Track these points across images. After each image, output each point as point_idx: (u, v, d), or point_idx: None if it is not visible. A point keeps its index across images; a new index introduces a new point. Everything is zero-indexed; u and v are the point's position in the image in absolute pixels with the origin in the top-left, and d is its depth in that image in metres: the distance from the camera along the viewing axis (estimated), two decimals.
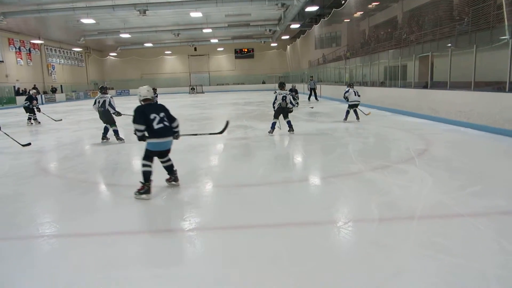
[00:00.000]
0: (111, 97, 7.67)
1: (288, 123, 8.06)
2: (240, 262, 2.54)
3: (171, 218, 3.42)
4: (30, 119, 12.02)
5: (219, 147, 7.06)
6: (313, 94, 19.12)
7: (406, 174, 4.56)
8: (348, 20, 23.98)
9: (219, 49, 40.78)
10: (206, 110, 16.37)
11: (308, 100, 18.93)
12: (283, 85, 8.12)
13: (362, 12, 22.39)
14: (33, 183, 4.93)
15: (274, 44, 38.00)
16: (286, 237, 2.91)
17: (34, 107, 11.94)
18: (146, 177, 3.91)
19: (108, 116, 7.60)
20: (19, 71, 27.15)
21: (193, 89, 36.27)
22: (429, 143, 6.55)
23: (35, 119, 12.14)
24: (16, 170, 5.58)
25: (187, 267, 2.52)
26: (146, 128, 3.87)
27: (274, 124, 8.10)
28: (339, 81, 20.55)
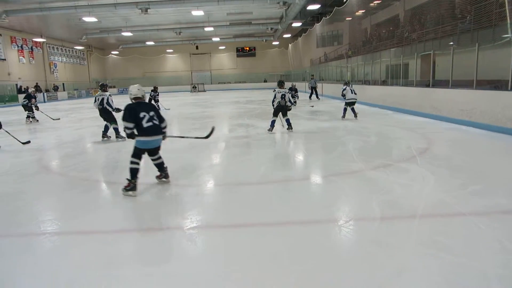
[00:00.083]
0: (109, 95, 7.68)
1: (287, 121, 8.09)
2: (241, 261, 2.54)
3: (173, 217, 3.42)
4: (28, 117, 12.05)
5: (220, 146, 7.05)
6: (314, 92, 19.13)
7: (408, 172, 4.55)
8: (350, 18, 23.88)
9: (220, 47, 40.78)
10: (208, 109, 16.37)
11: (309, 99, 18.94)
12: (282, 83, 8.19)
13: (364, 11, 22.30)
14: (34, 181, 4.94)
15: (276, 42, 38.00)
16: (287, 235, 2.91)
17: (33, 105, 11.96)
18: (133, 174, 3.97)
19: (107, 114, 7.61)
20: (21, 69, 27.22)
21: (194, 87, 36.31)
22: (430, 142, 6.53)
23: (33, 117, 12.16)
24: (17, 168, 5.60)
25: (188, 265, 2.51)
26: (136, 126, 3.93)
27: (273, 122, 8.12)
28: (340, 79, 20.49)
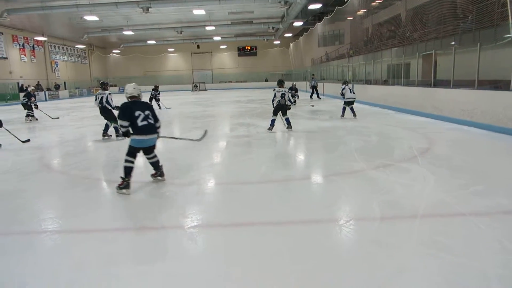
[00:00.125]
0: (109, 93, 7.67)
1: (286, 120, 8.13)
2: (242, 260, 2.55)
3: (173, 215, 3.43)
4: (28, 116, 12.07)
5: (221, 145, 7.06)
6: (315, 92, 19.12)
7: (409, 172, 4.54)
8: (351, 18, 23.87)
9: (222, 46, 40.77)
10: (209, 108, 16.37)
11: (310, 98, 18.94)
12: (282, 82, 8.23)
13: (365, 10, 22.29)
14: (36, 179, 4.95)
15: (277, 42, 37.98)
16: (287, 235, 2.92)
17: (32, 104, 11.98)
18: (126, 172, 4.00)
19: (107, 112, 7.61)
20: (23, 67, 27.25)
21: (196, 86, 36.34)
22: (432, 142, 6.53)
23: (33, 116, 12.18)
24: (19, 166, 5.62)
25: (189, 265, 2.52)
26: (131, 124, 3.95)
27: (273, 121, 8.15)
28: (342, 79, 20.47)
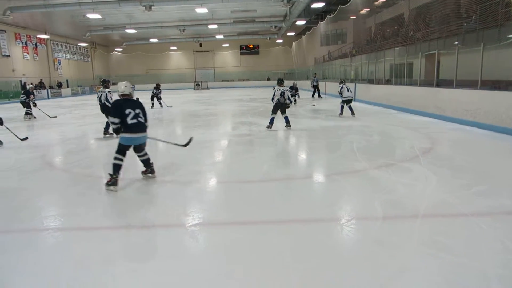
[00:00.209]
0: (109, 91, 7.67)
1: (286, 118, 8.18)
2: (243, 258, 2.55)
3: (175, 214, 3.43)
4: (27, 113, 12.09)
5: (223, 143, 7.07)
6: (316, 91, 19.10)
7: (411, 172, 4.54)
8: (354, 17, 23.82)
9: (224, 45, 40.69)
10: (211, 106, 16.37)
11: (312, 97, 18.92)
12: (282, 81, 8.33)
13: (368, 9, 22.23)
14: (38, 177, 4.97)
15: (280, 40, 37.85)
16: (289, 234, 2.92)
17: (31, 102, 11.99)
18: (115, 169, 4.02)
19: (107, 110, 7.59)
20: (26, 65, 27.29)
21: (198, 85, 36.34)
22: (434, 142, 6.51)
23: (31, 114, 12.19)
24: (21, 164, 5.64)
25: (190, 263, 2.52)
26: (121, 122, 3.98)
27: (272, 119, 8.19)
28: (344, 78, 20.44)
